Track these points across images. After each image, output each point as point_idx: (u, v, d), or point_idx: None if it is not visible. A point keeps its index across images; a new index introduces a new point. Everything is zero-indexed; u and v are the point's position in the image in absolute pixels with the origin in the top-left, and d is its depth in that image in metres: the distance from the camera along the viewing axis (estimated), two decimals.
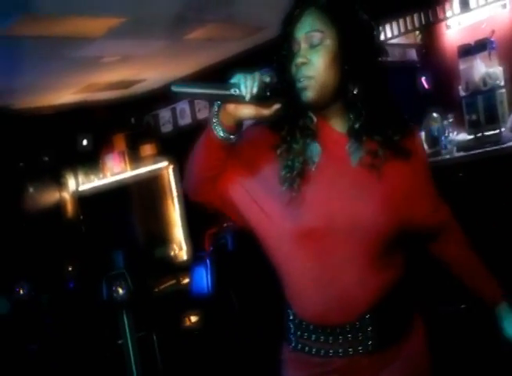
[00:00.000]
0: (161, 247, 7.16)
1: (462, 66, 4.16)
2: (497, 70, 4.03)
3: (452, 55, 4.32)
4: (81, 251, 7.36)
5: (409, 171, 1.56)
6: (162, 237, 7.43)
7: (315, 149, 1.55)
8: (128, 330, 4.95)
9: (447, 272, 1.78)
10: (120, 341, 5.03)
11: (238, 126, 1.45)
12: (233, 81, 1.40)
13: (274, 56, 1.60)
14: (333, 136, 1.57)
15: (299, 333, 1.61)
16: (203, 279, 5.18)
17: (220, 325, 4.93)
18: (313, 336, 1.57)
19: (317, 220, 1.49)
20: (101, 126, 7.95)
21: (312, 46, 1.49)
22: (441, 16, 4.22)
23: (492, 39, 4.07)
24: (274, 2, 5.04)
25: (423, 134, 4.25)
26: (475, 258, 1.75)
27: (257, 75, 1.39)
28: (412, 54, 4.64)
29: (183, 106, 7.94)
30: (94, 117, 7.85)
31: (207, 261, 5.19)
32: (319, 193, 1.51)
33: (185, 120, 7.96)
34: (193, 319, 5.46)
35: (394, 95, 1.58)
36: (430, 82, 4.38)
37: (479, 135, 4.05)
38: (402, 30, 4.35)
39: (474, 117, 4.09)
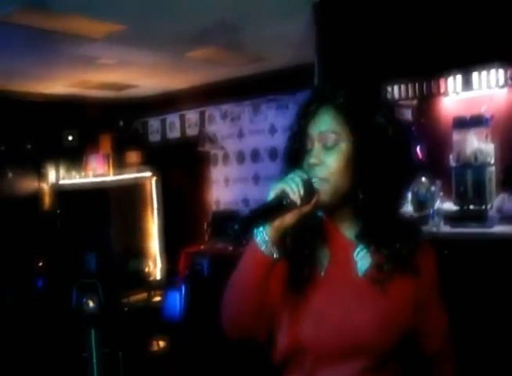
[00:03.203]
0: (135, 260, 7.15)
1: (455, 137, 4.22)
2: (489, 147, 4.10)
3: (446, 124, 4.38)
4: (53, 246, 7.32)
5: (416, 287, 1.51)
6: (137, 249, 7.42)
7: (324, 253, 1.50)
8: (94, 346, 4.93)
9: None
10: (84, 354, 5.02)
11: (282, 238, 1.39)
12: (276, 191, 1.35)
13: (286, 149, 1.55)
14: (340, 241, 1.52)
15: None
16: (176, 304, 5.21)
17: (188, 353, 4.95)
18: None
19: (316, 331, 1.45)
20: (89, 124, 7.94)
21: (327, 147, 1.43)
22: (441, 89, 4.26)
23: (488, 116, 4.13)
24: (275, 38, 5.24)
25: (409, 196, 4.30)
26: None
27: (296, 177, 1.35)
28: (408, 114, 4.69)
29: (173, 119, 7.97)
30: (83, 113, 7.84)
31: (182, 287, 5.22)
32: (323, 301, 1.47)
33: (174, 133, 7.98)
34: (162, 344, 5.47)
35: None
36: (423, 148, 4.42)
37: (465, 207, 4.11)
38: (403, 96, 4.40)
39: (461, 188, 4.14)
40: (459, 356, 1.73)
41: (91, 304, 5.06)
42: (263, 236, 1.36)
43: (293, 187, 1.33)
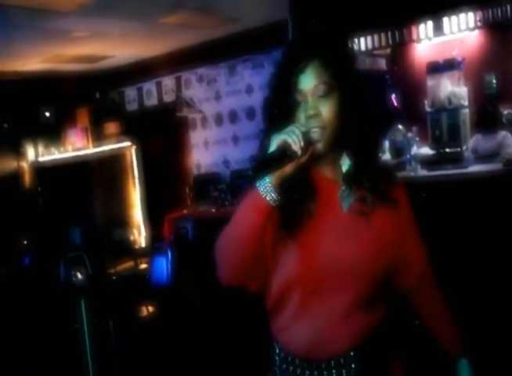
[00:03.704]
0: (120, 230, 7.15)
1: (429, 82, 4.25)
2: (462, 91, 4.13)
3: (420, 70, 4.41)
4: (37, 224, 7.31)
5: (396, 218, 1.62)
6: (121, 219, 7.42)
7: (312, 199, 1.57)
8: (85, 317, 4.94)
9: None
10: (76, 325, 5.04)
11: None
12: (278, 143, 1.42)
13: (273, 106, 1.60)
14: (325, 184, 1.61)
15: (284, 366, 1.63)
16: (162, 269, 5.22)
17: (177, 317, 4.98)
18: (298, 370, 1.60)
19: (308, 264, 1.52)
20: (65, 98, 7.86)
21: (321, 98, 1.52)
22: (413, 36, 4.30)
23: (460, 59, 4.15)
24: None
25: (387, 144, 4.33)
26: (442, 307, 1.79)
27: (295, 129, 1.43)
28: (382, 63, 4.70)
29: (150, 86, 7.91)
30: (59, 88, 7.77)
31: (168, 252, 5.24)
32: (313, 239, 1.54)
33: (151, 101, 7.94)
34: (151, 309, 5.49)
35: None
36: (398, 96, 4.45)
37: (441, 151, 4.15)
38: (376, 45, 4.44)
39: (437, 133, 4.19)
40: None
41: (79, 276, 5.07)
42: (266, 186, 1.43)
43: (294, 138, 1.41)
